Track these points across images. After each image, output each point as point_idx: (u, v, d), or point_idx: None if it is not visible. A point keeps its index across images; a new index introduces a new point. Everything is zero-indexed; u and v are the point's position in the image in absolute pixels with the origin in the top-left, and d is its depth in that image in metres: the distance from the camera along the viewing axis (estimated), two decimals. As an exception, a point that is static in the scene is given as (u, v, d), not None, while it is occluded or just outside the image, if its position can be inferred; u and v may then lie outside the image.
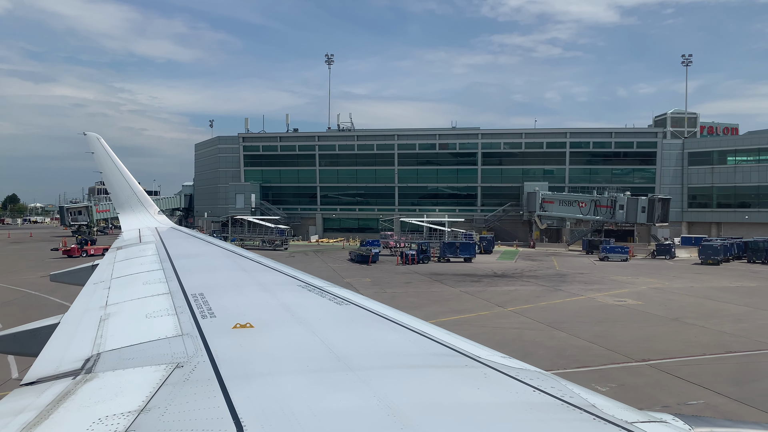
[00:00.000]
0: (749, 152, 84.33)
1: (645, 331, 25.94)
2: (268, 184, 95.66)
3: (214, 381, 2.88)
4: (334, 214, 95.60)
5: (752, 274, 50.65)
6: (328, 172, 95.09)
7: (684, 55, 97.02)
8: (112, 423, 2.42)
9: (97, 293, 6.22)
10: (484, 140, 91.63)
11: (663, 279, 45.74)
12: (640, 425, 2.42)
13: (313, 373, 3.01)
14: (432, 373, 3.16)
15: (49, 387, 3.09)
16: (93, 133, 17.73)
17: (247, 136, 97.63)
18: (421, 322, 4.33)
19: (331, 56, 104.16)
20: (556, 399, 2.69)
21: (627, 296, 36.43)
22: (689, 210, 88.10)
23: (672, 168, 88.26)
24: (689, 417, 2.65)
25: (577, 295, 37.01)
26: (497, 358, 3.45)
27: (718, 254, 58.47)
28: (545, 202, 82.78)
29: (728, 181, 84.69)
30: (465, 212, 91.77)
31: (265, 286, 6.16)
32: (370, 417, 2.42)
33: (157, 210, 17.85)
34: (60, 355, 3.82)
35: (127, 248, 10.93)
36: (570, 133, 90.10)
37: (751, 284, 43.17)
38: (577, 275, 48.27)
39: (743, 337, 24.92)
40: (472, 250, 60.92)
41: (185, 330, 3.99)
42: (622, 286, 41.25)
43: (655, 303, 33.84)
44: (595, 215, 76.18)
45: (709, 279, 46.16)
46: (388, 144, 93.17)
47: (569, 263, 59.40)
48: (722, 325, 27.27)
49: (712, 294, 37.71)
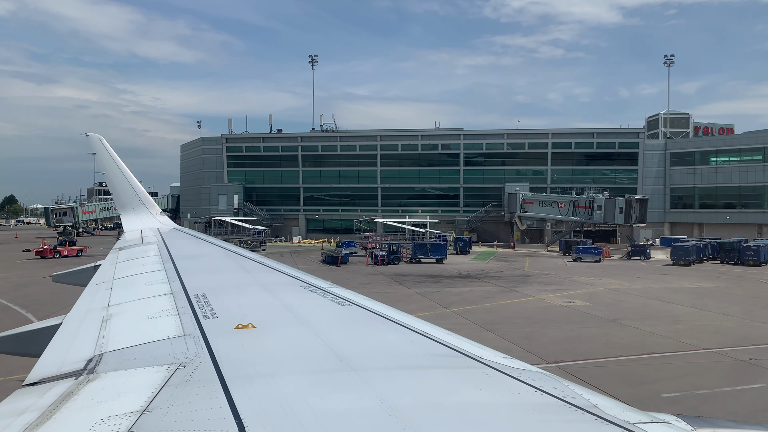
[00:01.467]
0: (730, 153, 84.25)
1: (574, 333, 25.90)
2: (251, 185, 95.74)
3: (216, 381, 2.89)
4: (318, 215, 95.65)
5: (719, 275, 50.53)
6: (311, 172, 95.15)
7: (666, 55, 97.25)
8: (115, 423, 2.43)
9: (100, 294, 6.23)
10: (466, 141, 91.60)
11: (625, 280, 45.66)
12: (642, 426, 2.41)
13: (315, 374, 3.02)
14: (434, 373, 3.17)
15: (52, 387, 3.10)
16: (95, 134, 17.76)
17: (230, 137, 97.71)
18: (423, 323, 4.34)
19: (315, 57, 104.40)
20: (558, 400, 2.69)
21: (579, 297, 36.38)
22: (671, 211, 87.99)
23: (655, 168, 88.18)
24: (692, 418, 2.65)
25: (528, 296, 36.97)
26: (499, 358, 3.45)
27: (689, 255, 58.34)
28: (525, 203, 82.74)
29: (710, 181, 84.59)
30: (448, 213, 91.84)
31: (267, 286, 6.19)
32: (372, 417, 2.42)
33: (159, 211, 17.94)
34: (62, 355, 3.83)
35: (130, 249, 10.92)
36: (552, 134, 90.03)
37: (711, 285, 43.07)
38: (541, 276, 48.22)
39: (670, 338, 24.87)
40: (443, 250, 60.90)
41: (187, 330, 4.00)
42: (580, 287, 41.20)
43: (602, 304, 33.79)
44: (574, 216, 76.11)
45: (672, 280, 46.08)
46: (370, 145, 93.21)
47: (541, 264, 59.33)
48: (656, 327, 27.22)
49: (665, 295, 37.64)
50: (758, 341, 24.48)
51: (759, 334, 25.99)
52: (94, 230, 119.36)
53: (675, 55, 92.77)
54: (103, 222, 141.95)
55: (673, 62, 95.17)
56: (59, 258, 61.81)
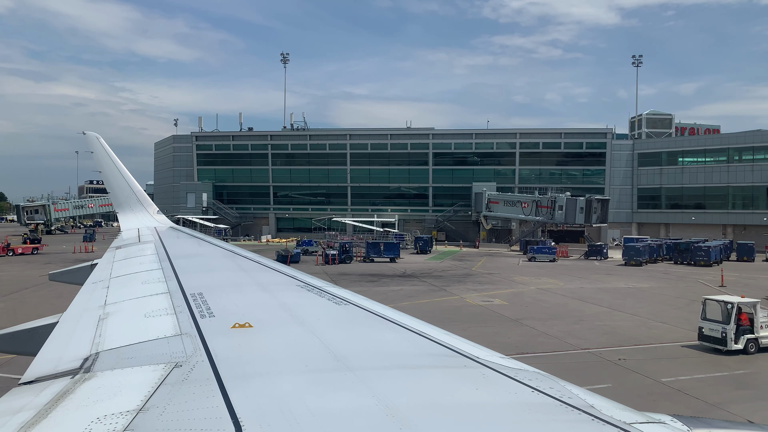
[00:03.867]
0: (696, 154, 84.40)
1: (467, 332, 25.87)
2: (222, 184, 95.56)
3: (212, 381, 2.88)
4: (288, 213, 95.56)
5: (663, 275, 50.70)
6: (281, 171, 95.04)
7: (634, 56, 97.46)
8: (111, 422, 2.41)
9: (96, 292, 6.21)
10: (436, 140, 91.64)
11: (564, 280, 45.81)
12: (638, 426, 2.42)
13: (312, 373, 3.02)
14: (431, 373, 3.17)
15: (48, 386, 3.08)
16: (92, 132, 17.72)
17: (200, 135, 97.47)
18: (421, 323, 4.34)
19: (286, 54, 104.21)
20: (555, 399, 2.70)
21: (502, 297, 36.48)
22: (639, 211, 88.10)
23: (623, 169, 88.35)
24: (687, 418, 2.66)
25: (452, 295, 37.05)
26: (496, 358, 3.45)
27: (640, 255, 58.53)
28: (491, 203, 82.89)
29: (676, 182, 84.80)
30: (417, 212, 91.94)
31: (265, 285, 6.17)
32: (369, 417, 2.42)
33: (156, 209, 17.84)
34: (58, 354, 3.81)
35: (126, 248, 10.89)
36: (520, 134, 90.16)
37: (645, 285, 43.23)
38: (483, 275, 48.33)
39: (557, 339, 25.05)
40: (396, 250, 60.98)
41: (184, 329, 3.99)
42: (513, 287, 41.33)
43: (519, 304, 33.90)
44: (536, 216, 76.27)
45: (612, 280, 46.28)
46: (340, 144, 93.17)
47: (494, 264, 59.43)
48: (553, 327, 27.37)
49: (592, 295, 37.77)
50: (643, 342, 24.63)
51: (650, 334, 26.13)
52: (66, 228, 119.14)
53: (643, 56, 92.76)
54: (82, 220, 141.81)
55: (641, 63, 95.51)
56: (12, 256, 61.77)
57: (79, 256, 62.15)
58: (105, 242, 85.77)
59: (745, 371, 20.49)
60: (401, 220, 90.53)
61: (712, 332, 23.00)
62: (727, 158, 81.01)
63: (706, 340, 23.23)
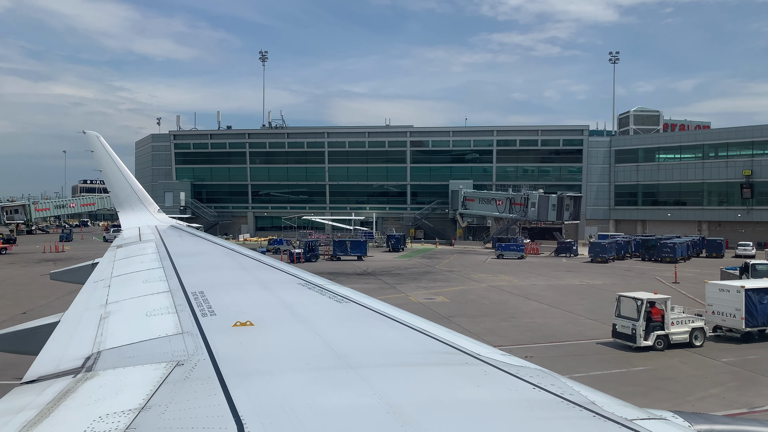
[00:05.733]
0: (671, 150, 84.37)
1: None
2: (200, 183, 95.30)
3: (214, 379, 2.89)
4: (266, 212, 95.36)
5: (625, 272, 50.66)
6: (260, 170, 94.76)
7: (611, 52, 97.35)
8: (113, 421, 2.42)
9: (97, 292, 6.24)
10: (413, 138, 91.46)
11: (520, 277, 45.79)
12: (640, 422, 2.42)
13: (313, 371, 3.02)
14: (432, 370, 3.17)
15: (50, 385, 3.09)
16: (92, 131, 17.70)
17: (178, 133, 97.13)
18: (422, 320, 4.34)
19: (265, 53, 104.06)
20: (556, 396, 2.70)
21: (447, 294, 36.47)
22: (616, 208, 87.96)
23: (600, 165, 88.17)
24: (689, 414, 2.68)
25: (399, 293, 37.06)
26: (497, 355, 3.46)
27: (606, 252, 58.53)
28: (467, 200, 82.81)
29: (652, 178, 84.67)
30: (396, 210, 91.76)
31: (265, 284, 6.20)
32: (371, 415, 2.43)
33: (156, 208, 17.92)
34: (60, 353, 3.83)
35: (127, 246, 10.94)
36: (497, 131, 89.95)
37: (598, 282, 43.17)
38: (443, 273, 48.31)
39: (476, 335, 24.71)
40: (363, 248, 60.82)
41: (185, 328, 4.00)
42: (464, 284, 41.36)
43: (460, 301, 33.94)
44: (510, 213, 76.16)
45: (567, 277, 46.29)
46: (318, 142, 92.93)
47: (462, 261, 59.36)
48: (480, 325, 27.48)
49: (539, 292, 37.80)
50: (561, 339, 24.66)
51: (573, 331, 26.17)
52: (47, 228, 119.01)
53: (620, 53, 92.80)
54: (68, 220, 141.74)
55: (618, 60, 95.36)
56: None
57: (47, 256, 62.10)
58: (82, 242, 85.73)
59: (644, 368, 20.47)
60: (380, 219, 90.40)
61: (623, 329, 23.07)
62: (702, 155, 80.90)
63: (618, 337, 23.21)
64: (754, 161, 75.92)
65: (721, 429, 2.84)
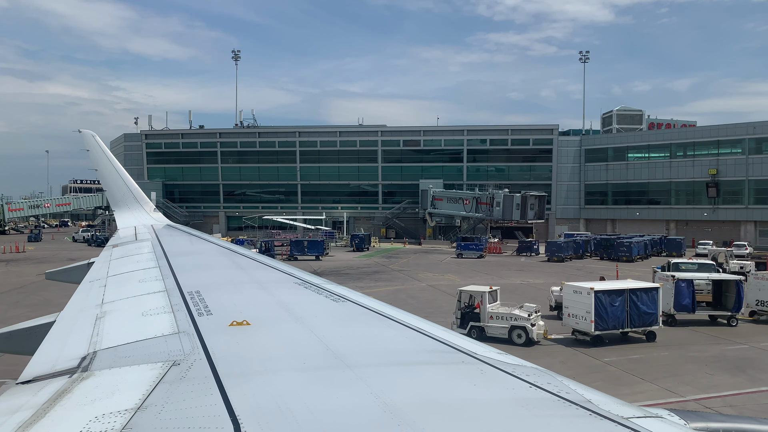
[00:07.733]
0: (640, 149, 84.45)
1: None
2: (172, 182, 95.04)
3: (210, 379, 2.88)
4: (238, 212, 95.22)
5: (575, 271, 50.58)
6: (231, 169, 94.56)
7: (581, 51, 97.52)
8: (109, 421, 2.41)
9: (93, 291, 6.21)
10: (384, 138, 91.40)
11: (466, 276, 45.68)
12: (635, 420, 2.44)
13: (310, 371, 3.02)
14: (428, 369, 3.18)
15: (46, 385, 3.08)
16: (88, 130, 17.66)
17: (149, 133, 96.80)
18: (418, 319, 4.33)
19: (237, 52, 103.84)
20: (553, 395, 2.71)
21: (379, 294, 36.19)
22: (586, 207, 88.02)
23: (570, 165, 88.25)
24: (684, 412, 2.71)
25: (330, 292, 36.79)
26: (493, 354, 3.46)
27: (562, 251, 58.63)
28: (436, 200, 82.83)
29: (621, 178, 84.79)
30: (367, 210, 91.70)
31: (262, 283, 6.19)
32: (367, 414, 2.44)
33: (152, 207, 17.83)
34: (56, 353, 3.80)
35: (123, 246, 10.88)
36: (467, 131, 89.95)
37: (538, 281, 43.06)
38: (392, 272, 48.25)
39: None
40: (320, 248, 60.71)
41: (182, 328, 3.98)
42: (406, 284, 41.35)
43: (386, 300, 33.24)
44: (477, 212, 76.17)
45: (512, 276, 46.31)
46: (289, 141, 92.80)
47: (421, 260, 59.27)
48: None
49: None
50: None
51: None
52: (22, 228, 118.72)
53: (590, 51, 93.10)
54: (47, 220, 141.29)
55: (588, 59, 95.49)
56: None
57: (4, 257, 61.86)
58: (51, 243, 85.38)
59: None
60: (352, 218, 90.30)
61: (456, 321, 24.65)
62: (670, 154, 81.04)
63: (451, 328, 23.83)
64: (720, 160, 76.11)
65: (716, 427, 2.87)
